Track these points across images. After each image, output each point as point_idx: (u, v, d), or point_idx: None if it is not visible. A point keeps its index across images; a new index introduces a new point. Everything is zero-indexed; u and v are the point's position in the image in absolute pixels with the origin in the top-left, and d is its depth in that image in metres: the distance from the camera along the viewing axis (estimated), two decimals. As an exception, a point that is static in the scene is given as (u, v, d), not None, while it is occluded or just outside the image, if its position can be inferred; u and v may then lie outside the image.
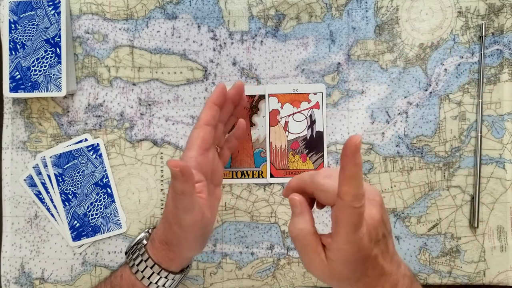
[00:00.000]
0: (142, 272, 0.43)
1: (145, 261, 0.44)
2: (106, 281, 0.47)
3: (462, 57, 0.53)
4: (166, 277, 0.44)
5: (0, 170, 0.54)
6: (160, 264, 0.43)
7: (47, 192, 0.53)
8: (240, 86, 0.47)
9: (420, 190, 0.53)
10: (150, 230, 0.47)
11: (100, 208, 0.53)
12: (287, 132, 0.53)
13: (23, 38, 0.52)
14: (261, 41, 0.53)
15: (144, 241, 0.45)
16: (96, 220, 0.53)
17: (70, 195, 0.53)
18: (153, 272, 0.43)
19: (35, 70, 0.51)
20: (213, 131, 0.45)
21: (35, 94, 0.51)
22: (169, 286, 0.45)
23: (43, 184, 0.53)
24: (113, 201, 0.53)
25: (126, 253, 0.46)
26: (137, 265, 0.44)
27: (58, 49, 0.51)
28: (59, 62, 0.51)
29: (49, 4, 0.52)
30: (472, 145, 0.53)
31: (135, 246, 0.45)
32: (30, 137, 0.54)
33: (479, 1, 0.53)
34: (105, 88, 0.54)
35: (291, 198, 0.38)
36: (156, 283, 0.44)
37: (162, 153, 0.54)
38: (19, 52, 0.52)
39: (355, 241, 0.34)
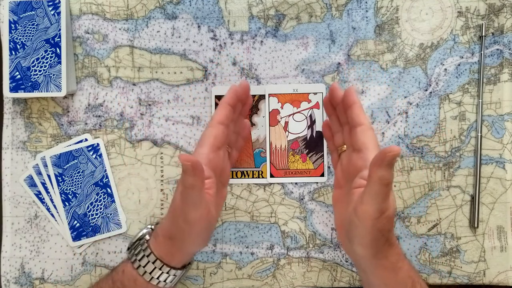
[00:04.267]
0: (144, 267, 0.44)
1: (147, 256, 0.44)
2: (108, 277, 0.47)
3: (462, 57, 0.53)
4: (167, 273, 0.44)
5: (0, 170, 0.54)
6: (162, 259, 0.44)
7: (47, 192, 0.53)
8: (247, 86, 0.48)
9: (420, 190, 0.53)
10: (152, 226, 0.48)
11: (100, 208, 0.53)
12: (287, 132, 0.53)
13: (23, 38, 0.52)
14: (261, 41, 0.53)
15: (147, 237, 0.46)
16: (96, 220, 0.53)
17: (70, 195, 0.53)
18: (155, 267, 0.44)
19: (35, 70, 0.51)
20: (226, 131, 0.46)
21: (35, 94, 0.51)
22: (170, 282, 0.45)
23: (43, 184, 0.53)
24: (113, 201, 0.53)
25: (128, 248, 0.46)
26: (139, 260, 0.44)
27: (58, 49, 0.51)
28: (59, 62, 0.51)
29: (49, 4, 0.52)
30: (472, 145, 0.53)
31: (137, 242, 0.46)
32: (30, 137, 0.54)
33: (479, 1, 0.53)
34: (105, 88, 0.54)
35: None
36: (157, 278, 0.44)
37: (162, 153, 0.54)
38: (19, 52, 0.52)
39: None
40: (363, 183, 0.41)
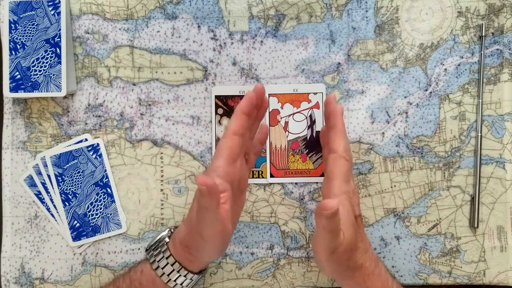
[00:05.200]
0: (162, 268, 0.45)
1: (167, 258, 0.45)
2: (126, 275, 0.48)
3: (462, 57, 0.53)
4: (185, 276, 0.45)
5: (0, 170, 0.54)
6: (181, 263, 0.45)
7: (47, 192, 0.53)
8: (262, 90, 0.44)
9: (420, 190, 0.53)
10: (172, 229, 0.49)
11: (100, 208, 0.53)
12: (287, 132, 0.53)
13: (23, 38, 0.52)
14: (261, 41, 0.53)
15: (167, 239, 0.47)
16: (96, 220, 0.53)
17: (70, 195, 0.53)
18: (173, 270, 0.45)
19: (35, 70, 0.51)
20: (241, 140, 0.43)
21: (35, 94, 0.51)
22: (187, 286, 0.46)
23: (43, 184, 0.53)
24: (113, 201, 0.53)
25: (146, 250, 0.47)
26: (158, 262, 0.45)
27: (58, 49, 0.51)
28: (59, 62, 0.51)
29: (49, 4, 0.52)
30: (472, 145, 0.53)
31: (157, 243, 0.47)
32: (30, 137, 0.54)
33: (479, 1, 0.53)
34: (105, 88, 0.54)
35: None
36: (175, 280, 0.45)
37: (162, 153, 0.54)
38: (19, 52, 0.52)
39: (348, 191, 0.41)
40: None
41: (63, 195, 0.53)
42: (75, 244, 0.53)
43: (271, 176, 0.53)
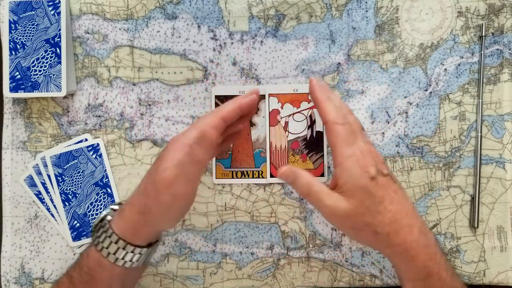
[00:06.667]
0: (107, 248, 0.42)
1: (109, 236, 0.42)
2: (75, 263, 0.45)
3: (462, 57, 0.53)
4: (132, 252, 0.43)
5: (0, 170, 0.54)
6: (125, 238, 0.42)
7: (47, 192, 0.53)
8: (256, 100, 0.46)
9: (420, 190, 0.53)
10: (115, 207, 0.47)
11: (100, 208, 0.53)
12: (287, 132, 0.53)
13: (23, 38, 0.52)
14: (261, 41, 0.53)
15: (108, 217, 0.44)
16: (96, 220, 0.53)
17: (70, 195, 0.53)
18: (118, 248, 0.42)
19: (35, 70, 0.51)
20: (224, 126, 0.44)
21: (35, 94, 0.51)
22: (137, 261, 0.44)
23: (43, 184, 0.53)
24: (113, 201, 0.53)
25: (91, 232, 0.45)
26: (102, 242, 0.43)
27: (58, 49, 0.51)
28: (59, 62, 0.51)
29: (49, 4, 0.52)
30: (472, 145, 0.53)
31: (98, 224, 0.45)
32: (30, 137, 0.54)
33: (479, 1, 0.53)
34: (105, 88, 0.54)
35: (280, 174, 0.44)
36: (122, 258, 0.43)
37: (162, 153, 0.54)
38: (19, 52, 0.52)
39: (353, 154, 0.40)
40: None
41: (63, 195, 0.53)
42: (75, 244, 0.53)
43: (271, 176, 0.53)
